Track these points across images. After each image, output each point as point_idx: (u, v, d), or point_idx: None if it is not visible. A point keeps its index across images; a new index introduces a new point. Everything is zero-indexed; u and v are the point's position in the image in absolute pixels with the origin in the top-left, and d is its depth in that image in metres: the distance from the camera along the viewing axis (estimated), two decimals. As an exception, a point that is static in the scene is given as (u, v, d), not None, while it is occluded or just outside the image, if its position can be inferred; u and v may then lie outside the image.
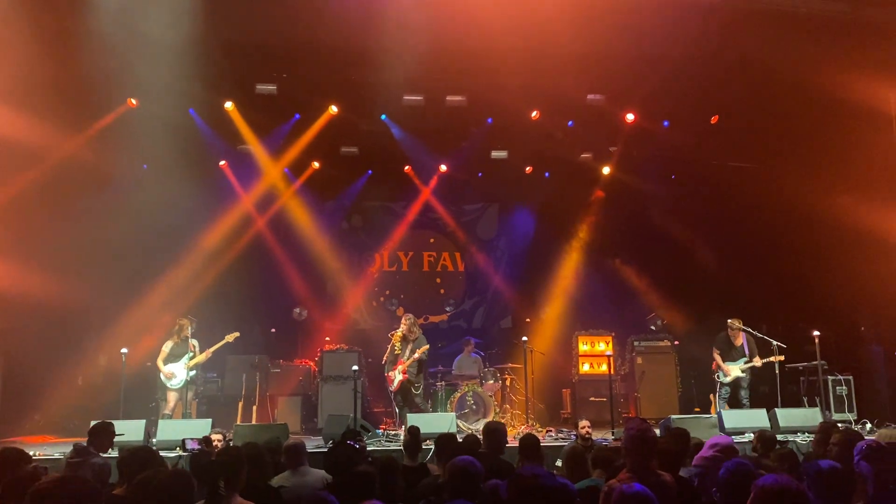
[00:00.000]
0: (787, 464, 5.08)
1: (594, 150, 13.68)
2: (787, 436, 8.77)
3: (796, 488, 2.75)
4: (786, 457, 5.35)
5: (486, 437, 5.92)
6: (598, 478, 4.55)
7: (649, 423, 4.16)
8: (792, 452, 5.60)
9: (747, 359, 10.64)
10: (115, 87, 10.45)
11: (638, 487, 2.93)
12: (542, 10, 9.15)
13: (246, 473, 4.31)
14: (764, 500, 2.71)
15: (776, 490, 2.72)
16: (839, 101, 10.39)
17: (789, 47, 9.88)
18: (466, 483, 3.82)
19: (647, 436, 3.85)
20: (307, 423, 11.63)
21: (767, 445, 6.21)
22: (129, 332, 11.04)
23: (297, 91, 11.29)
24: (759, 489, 2.77)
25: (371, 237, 15.14)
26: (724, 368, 10.70)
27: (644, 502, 2.90)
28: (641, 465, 3.64)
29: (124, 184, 11.73)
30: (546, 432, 10.40)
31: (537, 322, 13.99)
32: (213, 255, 12.86)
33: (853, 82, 10.09)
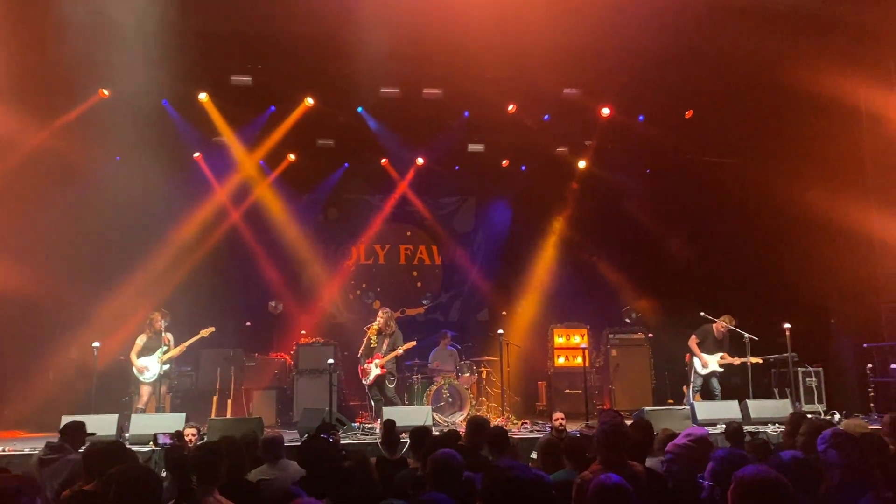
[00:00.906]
0: (761, 454, 5.16)
1: (570, 143, 13.75)
2: (759, 427, 8.91)
3: (774, 477, 2.78)
4: (759, 447, 5.44)
5: (468, 430, 5.91)
6: (570, 469, 4.59)
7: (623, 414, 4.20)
8: (765, 443, 5.70)
9: (723, 355, 10.73)
10: (87, 77, 10.28)
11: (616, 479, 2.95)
12: (519, 3, 9.16)
13: (224, 469, 4.28)
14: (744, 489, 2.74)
15: (756, 480, 2.75)
16: (810, 97, 10.56)
17: (762, 43, 10.00)
18: (448, 476, 3.83)
19: (619, 428, 3.90)
20: (282, 416, 11.59)
21: (736, 437, 6.30)
22: (102, 326, 10.88)
23: (272, 82, 11.20)
24: (738, 479, 2.80)
25: (347, 230, 15.07)
26: (703, 359, 10.70)
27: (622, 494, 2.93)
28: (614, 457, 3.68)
29: (97, 175, 11.53)
30: (521, 424, 10.45)
31: (513, 315, 14.04)
32: (187, 247, 12.73)
33: (824, 78, 10.24)
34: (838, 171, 11.42)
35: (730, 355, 10.66)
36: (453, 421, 10.50)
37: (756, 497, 2.70)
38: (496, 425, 6.78)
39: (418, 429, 6.01)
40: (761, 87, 11.06)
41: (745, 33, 9.87)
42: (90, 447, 5.21)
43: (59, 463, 5.72)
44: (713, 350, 10.77)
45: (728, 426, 6.72)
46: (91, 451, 4.97)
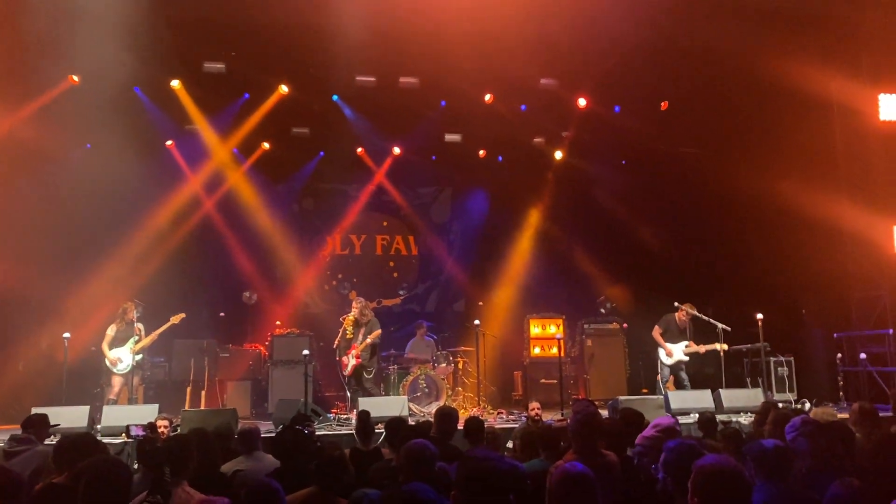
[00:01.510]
0: (733, 443, 5.22)
1: (547, 134, 13.77)
2: (731, 416, 9.02)
3: (734, 467, 2.82)
4: (731, 436, 5.50)
5: (437, 421, 5.92)
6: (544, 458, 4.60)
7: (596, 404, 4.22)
8: (737, 432, 5.75)
9: (688, 343, 10.85)
10: (56, 62, 10.07)
11: (580, 467, 2.96)
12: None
13: (195, 461, 4.23)
14: (703, 479, 2.78)
15: (715, 470, 2.78)
16: (783, 89, 10.67)
17: (736, 36, 10.07)
18: (421, 466, 3.82)
19: (592, 418, 3.90)
20: (257, 407, 11.51)
21: (709, 426, 6.37)
22: (72, 317, 10.72)
23: (246, 70, 11.06)
24: (698, 469, 2.84)
25: (323, 220, 14.97)
26: (667, 349, 10.77)
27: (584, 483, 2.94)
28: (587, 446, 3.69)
29: (67, 163, 11.33)
30: (497, 414, 10.49)
31: (490, 305, 14.05)
32: (159, 237, 12.55)
33: (797, 71, 10.36)
34: (810, 164, 11.57)
35: (696, 343, 10.76)
36: (429, 411, 10.48)
37: (715, 486, 2.74)
38: (472, 415, 6.80)
39: (394, 419, 6.01)
40: (735, 79, 11.15)
41: (721, 26, 9.93)
42: (61, 439, 5.14)
43: (27, 455, 5.64)
44: (677, 339, 10.84)
45: (701, 415, 6.80)
46: (61, 444, 4.90)
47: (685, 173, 13.17)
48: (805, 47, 10.37)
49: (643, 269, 13.51)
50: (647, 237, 13.64)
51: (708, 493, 2.74)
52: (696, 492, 2.77)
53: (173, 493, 3.91)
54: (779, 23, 10.09)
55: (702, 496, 2.75)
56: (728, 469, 2.78)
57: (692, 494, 2.79)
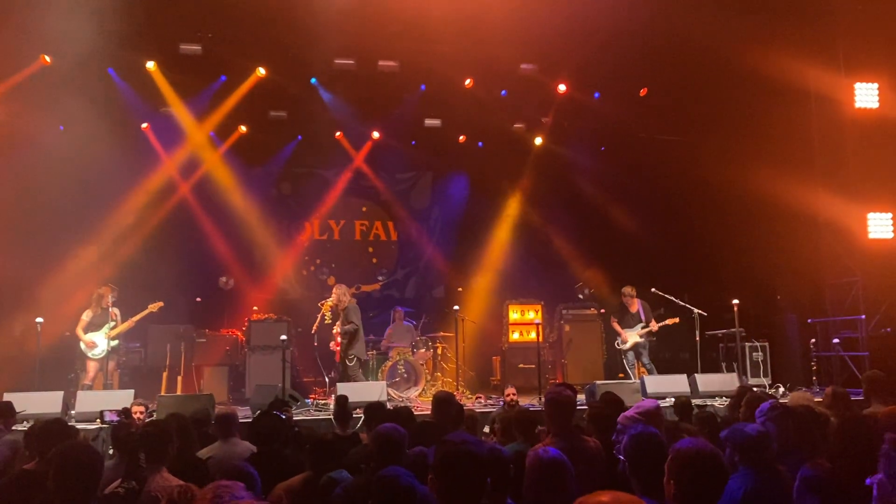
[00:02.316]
0: (708, 426, 5.27)
1: (527, 120, 13.75)
2: (706, 400, 9.13)
3: (711, 450, 2.84)
4: (706, 420, 5.56)
5: (435, 406, 5.70)
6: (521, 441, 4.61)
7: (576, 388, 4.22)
8: (712, 415, 5.82)
9: (644, 324, 11.07)
10: (27, 42, 9.85)
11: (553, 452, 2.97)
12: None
13: (173, 446, 4.20)
14: (680, 462, 2.79)
15: (692, 453, 2.80)
16: (760, 78, 10.73)
17: (715, 24, 10.08)
18: (391, 449, 3.82)
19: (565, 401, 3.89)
20: (234, 393, 11.47)
21: (684, 410, 6.43)
22: (46, 301, 10.56)
23: (222, 51, 10.88)
24: (675, 452, 2.85)
25: (301, 205, 14.84)
26: (623, 335, 11.23)
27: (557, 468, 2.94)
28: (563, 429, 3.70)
29: (39, 145, 11.11)
30: (476, 399, 10.53)
31: (469, 291, 14.07)
32: (134, 221, 12.40)
33: (774, 60, 10.42)
34: (786, 152, 11.68)
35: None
36: (408, 396, 10.52)
37: (692, 470, 2.76)
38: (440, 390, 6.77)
39: (372, 404, 5.99)
40: (713, 67, 11.18)
41: (699, 14, 9.93)
42: (32, 426, 5.08)
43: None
44: (632, 324, 11.27)
45: (677, 399, 6.86)
46: (32, 430, 4.85)
47: (663, 160, 13.23)
48: (781, 36, 10.42)
49: (621, 255, 13.58)
50: (626, 223, 13.70)
51: (685, 477, 2.76)
52: (673, 475, 2.79)
53: (151, 479, 3.88)
54: (756, 11, 10.13)
55: (678, 479, 2.76)
56: (705, 452, 2.80)
57: (669, 477, 2.80)
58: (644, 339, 11.16)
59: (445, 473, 2.82)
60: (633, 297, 11.31)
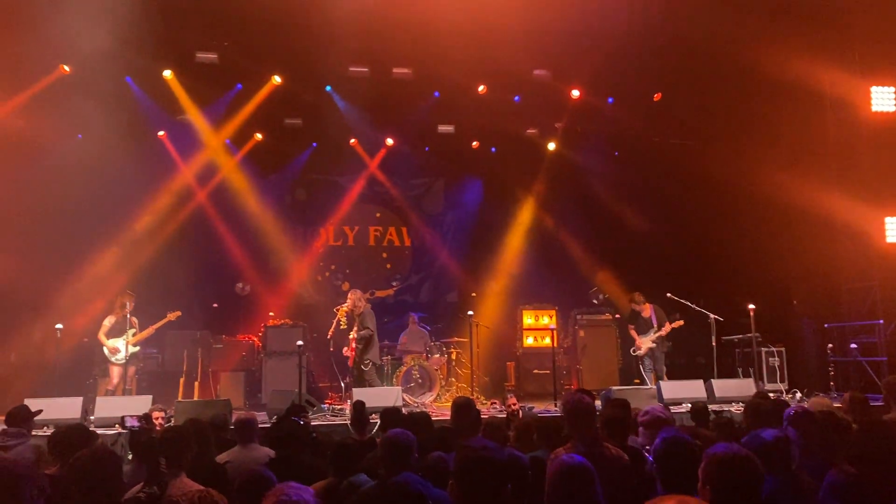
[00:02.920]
0: (726, 432, 5.25)
1: (540, 125, 13.76)
2: (723, 405, 9.09)
3: (746, 455, 2.82)
4: (724, 425, 5.54)
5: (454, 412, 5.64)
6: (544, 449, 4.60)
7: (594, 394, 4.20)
8: (730, 421, 5.80)
9: (656, 329, 11.05)
10: (46, 52, 9.98)
11: (578, 459, 2.97)
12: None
13: (192, 452, 4.24)
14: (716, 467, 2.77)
15: (728, 457, 2.78)
16: (776, 81, 10.69)
17: (729, 27, 10.08)
18: (399, 454, 3.80)
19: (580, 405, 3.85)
20: (251, 398, 11.51)
21: (701, 416, 6.41)
22: (65, 308, 10.68)
23: (239, 60, 10.99)
24: (710, 457, 2.83)
25: (316, 211, 14.93)
26: (638, 341, 11.21)
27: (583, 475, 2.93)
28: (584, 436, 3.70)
29: (58, 154, 11.24)
30: (490, 404, 10.52)
31: (483, 296, 14.07)
32: (152, 228, 12.52)
33: (790, 62, 10.37)
34: (802, 155, 11.62)
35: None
36: (423, 402, 10.54)
37: (727, 474, 2.74)
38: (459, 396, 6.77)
39: (388, 410, 6.01)
40: (729, 71, 11.16)
41: (714, 18, 9.94)
42: (54, 432, 5.14)
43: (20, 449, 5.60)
44: (646, 330, 11.23)
45: (693, 405, 6.83)
46: (55, 435, 4.90)
47: (678, 165, 13.20)
48: (797, 39, 10.37)
49: (636, 260, 13.54)
50: (640, 228, 13.67)
51: (721, 482, 2.74)
52: (708, 480, 2.77)
53: (171, 484, 3.92)
54: (772, 14, 10.11)
55: (714, 484, 2.75)
56: (740, 457, 2.78)
57: (703, 482, 2.78)
58: (658, 344, 11.11)
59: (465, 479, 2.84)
60: (644, 304, 11.29)
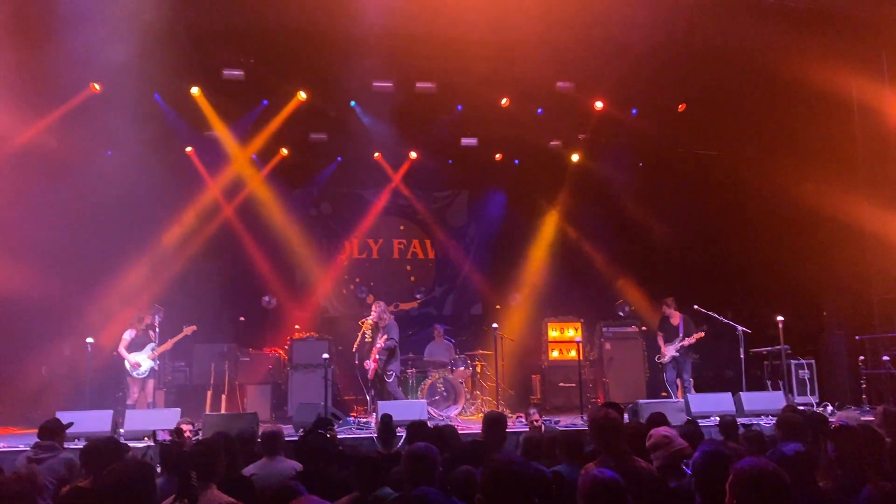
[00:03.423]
0: (756, 446, 5.19)
1: (563, 137, 13.75)
2: (752, 419, 8.96)
3: (773, 469, 2.79)
4: (753, 439, 5.47)
5: (487, 427, 5.67)
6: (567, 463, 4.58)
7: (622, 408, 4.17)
8: (760, 434, 5.71)
9: (681, 339, 10.93)
10: (78, 71, 10.20)
11: (610, 474, 2.95)
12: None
13: (222, 465, 4.28)
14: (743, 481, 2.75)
15: (754, 472, 2.76)
16: (803, 90, 10.59)
17: (755, 36, 10.03)
18: (422, 468, 3.80)
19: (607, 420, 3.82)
20: (277, 411, 11.57)
21: (730, 430, 6.33)
22: (94, 322, 10.84)
23: (264, 77, 11.14)
24: (737, 471, 2.80)
25: (340, 224, 15.05)
26: (663, 349, 11.10)
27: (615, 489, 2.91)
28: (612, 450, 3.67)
29: (88, 170, 11.45)
30: (516, 418, 10.46)
31: (507, 309, 14.05)
32: (180, 242, 12.69)
33: (816, 71, 10.27)
34: (830, 164, 11.46)
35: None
36: (448, 415, 10.52)
37: (753, 489, 2.71)
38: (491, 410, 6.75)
39: (414, 423, 6.02)
40: (754, 80, 11.09)
41: (737, 26, 9.91)
42: (86, 444, 5.21)
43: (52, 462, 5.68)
44: (672, 338, 11.09)
45: (722, 419, 6.75)
46: (88, 448, 4.97)
47: (703, 175, 13.12)
48: (825, 47, 10.28)
49: (661, 271, 13.46)
50: (665, 239, 13.58)
51: (748, 496, 2.71)
52: (735, 493, 2.75)
53: (202, 497, 3.96)
54: (797, 22, 10.01)
55: (741, 498, 2.72)
56: (767, 472, 2.75)
57: (730, 496, 2.76)
58: (682, 353, 10.99)
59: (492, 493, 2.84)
60: (673, 309, 11.16)
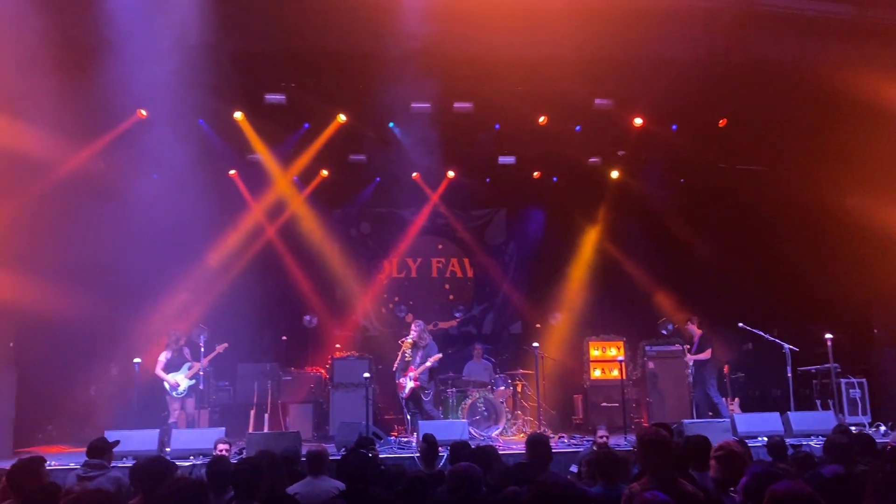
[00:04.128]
0: (805, 468, 5.05)
1: (602, 154, 13.68)
2: (801, 439, 8.74)
3: (808, 493, 2.73)
4: (803, 461, 5.33)
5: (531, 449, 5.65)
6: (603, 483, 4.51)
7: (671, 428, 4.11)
8: (809, 456, 5.58)
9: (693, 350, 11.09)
10: (125, 98, 10.50)
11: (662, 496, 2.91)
12: (549, 16, 9.17)
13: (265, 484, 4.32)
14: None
15: (788, 495, 2.70)
16: (847, 102, 10.38)
17: (796, 49, 9.90)
18: (465, 487, 3.79)
19: (658, 439, 3.77)
20: (319, 430, 11.65)
21: (778, 451, 6.18)
22: (141, 342, 11.07)
23: (305, 100, 11.35)
24: (771, 493, 2.76)
25: (380, 244, 15.17)
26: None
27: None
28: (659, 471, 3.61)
29: (134, 194, 11.75)
30: (558, 438, 10.37)
31: (547, 327, 13.97)
32: (224, 263, 12.91)
33: (860, 83, 10.07)
34: (876, 177, 11.18)
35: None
36: (489, 435, 10.47)
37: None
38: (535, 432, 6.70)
39: (457, 443, 6.00)
40: (796, 93, 10.91)
41: (778, 40, 9.81)
42: (135, 463, 5.31)
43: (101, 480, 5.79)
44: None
45: (770, 439, 6.60)
46: (136, 467, 5.06)
47: (746, 191, 12.91)
48: (869, 57, 10.08)
49: (705, 289, 13.24)
50: (708, 256, 13.37)
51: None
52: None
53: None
54: (838, 34, 9.87)
55: None
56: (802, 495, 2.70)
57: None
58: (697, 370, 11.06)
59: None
60: (695, 326, 11.31)
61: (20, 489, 4.42)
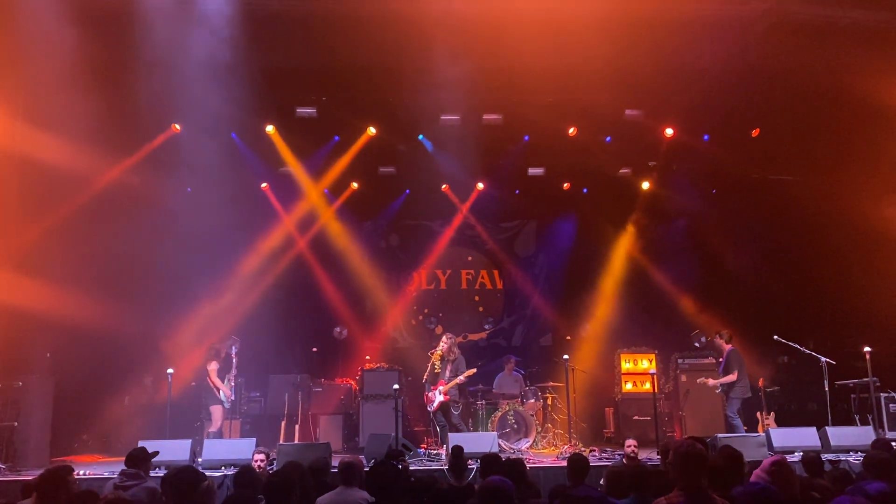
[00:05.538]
0: (843, 485, 4.93)
1: (633, 165, 13.61)
2: (839, 455, 8.53)
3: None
4: (840, 478, 5.20)
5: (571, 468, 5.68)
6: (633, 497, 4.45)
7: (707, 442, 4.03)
8: (846, 472, 5.46)
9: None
10: (160, 113, 10.71)
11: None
12: (578, 27, 9.16)
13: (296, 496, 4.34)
14: None
15: None
16: (882, 111, 10.21)
17: (830, 58, 9.75)
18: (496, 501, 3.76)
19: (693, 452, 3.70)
20: (349, 441, 11.68)
21: (815, 467, 6.03)
22: (174, 353, 11.22)
23: (336, 113, 11.49)
24: None
25: (409, 256, 15.22)
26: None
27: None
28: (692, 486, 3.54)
29: (169, 207, 11.95)
30: (589, 451, 10.25)
31: (578, 340, 13.87)
32: (255, 275, 13.04)
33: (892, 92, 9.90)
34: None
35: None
36: (519, 448, 10.40)
37: None
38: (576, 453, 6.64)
39: (487, 456, 5.97)
40: (829, 102, 10.76)
41: (811, 49, 9.64)
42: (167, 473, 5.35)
43: (136, 490, 5.85)
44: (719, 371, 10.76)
45: (805, 454, 6.45)
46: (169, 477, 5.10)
47: (781, 200, 12.72)
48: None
49: (739, 301, 13.04)
50: (742, 268, 13.18)
51: None
52: None
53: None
54: (871, 43, 9.70)
55: None
56: None
57: None
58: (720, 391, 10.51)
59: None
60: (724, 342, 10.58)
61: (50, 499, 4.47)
